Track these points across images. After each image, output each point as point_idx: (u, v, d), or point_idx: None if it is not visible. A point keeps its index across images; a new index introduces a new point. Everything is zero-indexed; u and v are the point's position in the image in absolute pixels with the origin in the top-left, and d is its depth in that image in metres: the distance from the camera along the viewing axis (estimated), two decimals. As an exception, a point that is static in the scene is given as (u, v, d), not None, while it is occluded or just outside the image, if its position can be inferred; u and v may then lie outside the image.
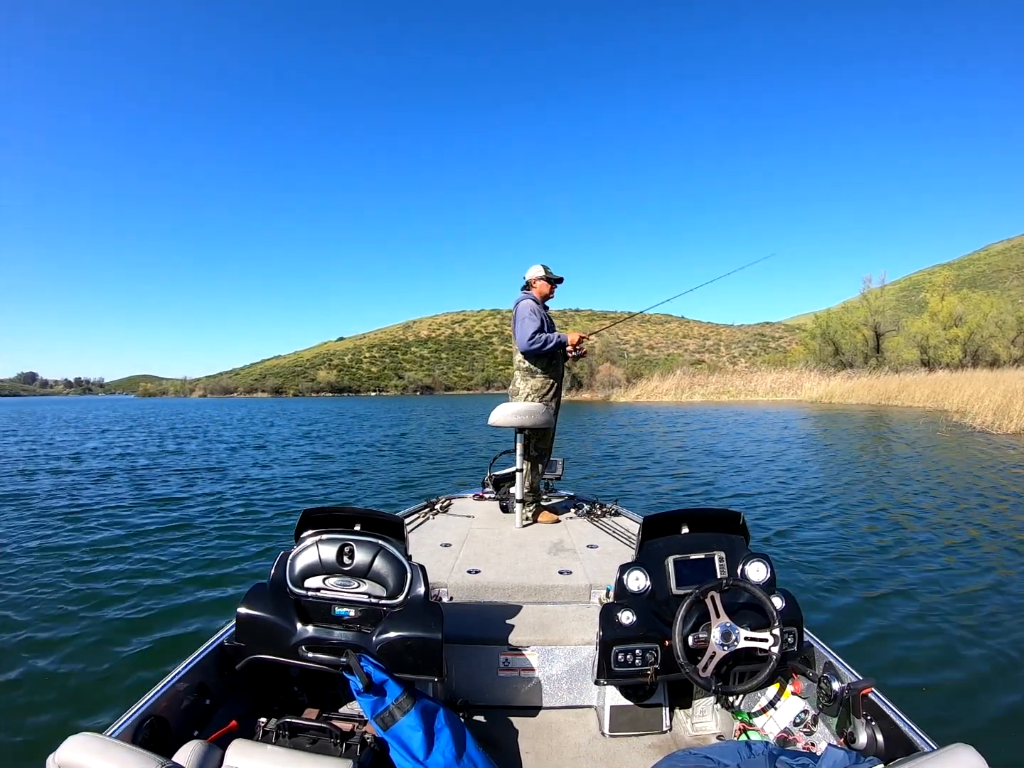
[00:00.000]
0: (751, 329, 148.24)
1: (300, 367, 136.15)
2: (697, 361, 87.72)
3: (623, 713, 1.96)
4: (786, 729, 1.77)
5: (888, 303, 40.78)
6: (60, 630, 3.58)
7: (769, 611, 1.73)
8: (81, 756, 1.12)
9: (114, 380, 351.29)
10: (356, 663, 1.54)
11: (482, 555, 2.73)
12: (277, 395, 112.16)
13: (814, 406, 28.68)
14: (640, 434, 16.84)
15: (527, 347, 3.42)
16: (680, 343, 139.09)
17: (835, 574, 4.45)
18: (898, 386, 27.86)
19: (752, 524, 5.63)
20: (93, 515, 6.83)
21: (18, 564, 4.88)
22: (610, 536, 3.07)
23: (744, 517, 1.99)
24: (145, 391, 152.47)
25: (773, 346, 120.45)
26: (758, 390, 38.14)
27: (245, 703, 1.88)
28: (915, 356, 36.89)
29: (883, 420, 19.11)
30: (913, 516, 6.30)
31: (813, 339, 43.83)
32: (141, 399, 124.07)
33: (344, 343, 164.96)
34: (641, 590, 1.88)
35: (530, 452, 3.48)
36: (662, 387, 41.75)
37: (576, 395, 47.83)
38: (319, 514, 1.88)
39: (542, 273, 3.60)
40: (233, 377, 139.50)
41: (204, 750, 1.35)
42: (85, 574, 4.64)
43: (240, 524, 6.40)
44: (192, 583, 4.44)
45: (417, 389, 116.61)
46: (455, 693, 2.04)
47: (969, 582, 4.25)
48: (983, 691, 2.82)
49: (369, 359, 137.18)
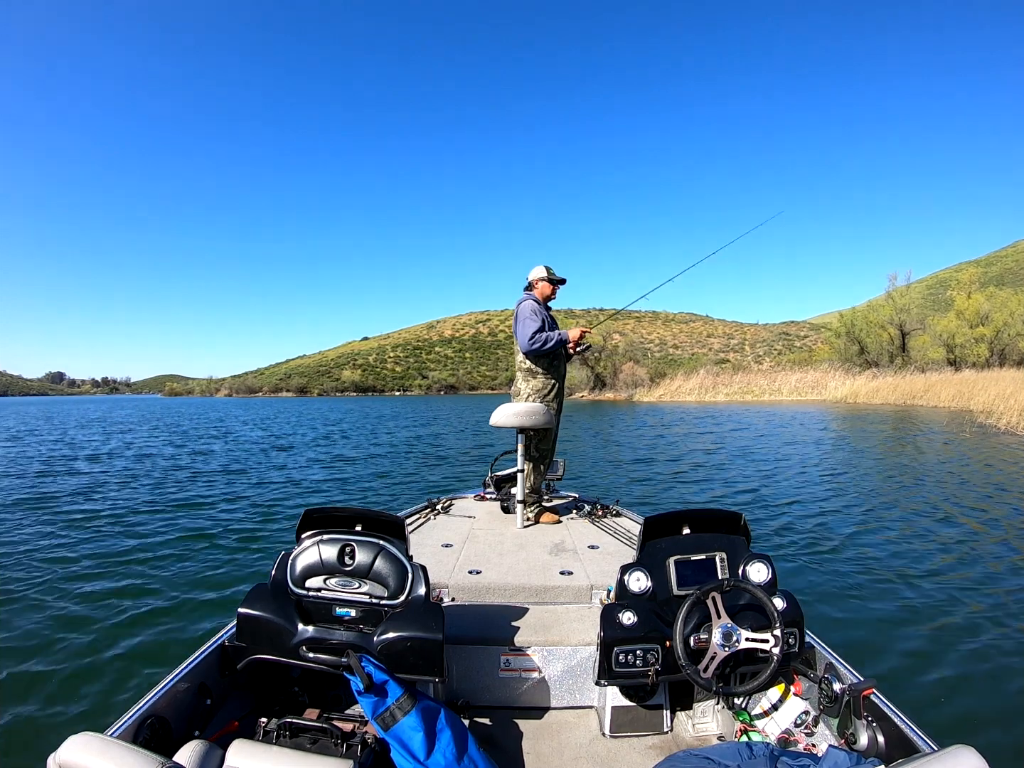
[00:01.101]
0: (776, 328, 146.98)
1: (325, 367, 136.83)
2: (722, 360, 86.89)
3: (624, 714, 1.96)
4: (787, 730, 1.77)
5: (914, 301, 39.94)
6: (61, 629, 3.59)
7: (770, 612, 1.72)
8: (82, 756, 1.12)
9: (141, 380, 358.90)
10: (357, 663, 1.54)
11: (483, 556, 2.72)
12: (302, 394, 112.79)
13: (838, 406, 28.30)
14: (671, 435, 16.31)
15: (528, 347, 3.42)
16: (704, 342, 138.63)
17: (836, 574, 4.45)
18: (923, 386, 27.40)
19: (778, 526, 5.63)
20: (96, 515, 6.84)
21: (18, 564, 4.89)
22: (611, 537, 3.07)
23: (745, 518, 1.99)
24: (171, 390, 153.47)
25: (798, 345, 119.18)
26: (782, 390, 37.87)
27: (246, 703, 1.88)
28: (941, 355, 36.10)
29: (908, 421, 18.76)
30: (916, 517, 6.28)
31: (838, 338, 43.18)
32: (167, 398, 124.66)
33: (369, 343, 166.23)
34: (642, 591, 1.88)
35: (531, 453, 3.48)
36: (685, 387, 41.52)
37: (599, 395, 47.72)
38: (320, 514, 1.88)
39: (544, 274, 3.60)
40: (258, 377, 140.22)
41: (205, 750, 1.35)
42: (85, 574, 4.64)
43: (241, 524, 6.40)
44: (193, 583, 4.44)
45: (441, 389, 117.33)
46: (456, 693, 2.04)
47: (970, 582, 4.25)
48: (984, 692, 2.82)
49: (393, 359, 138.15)
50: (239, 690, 1.92)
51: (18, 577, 4.55)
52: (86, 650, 3.32)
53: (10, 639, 3.46)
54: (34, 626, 3.64)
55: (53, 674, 3.04)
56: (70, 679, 3.00)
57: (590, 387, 49.49)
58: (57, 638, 3.47)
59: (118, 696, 2.80)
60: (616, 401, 42.73)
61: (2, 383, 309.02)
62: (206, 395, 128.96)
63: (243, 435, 19.73)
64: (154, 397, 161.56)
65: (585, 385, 49.85)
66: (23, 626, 3.64)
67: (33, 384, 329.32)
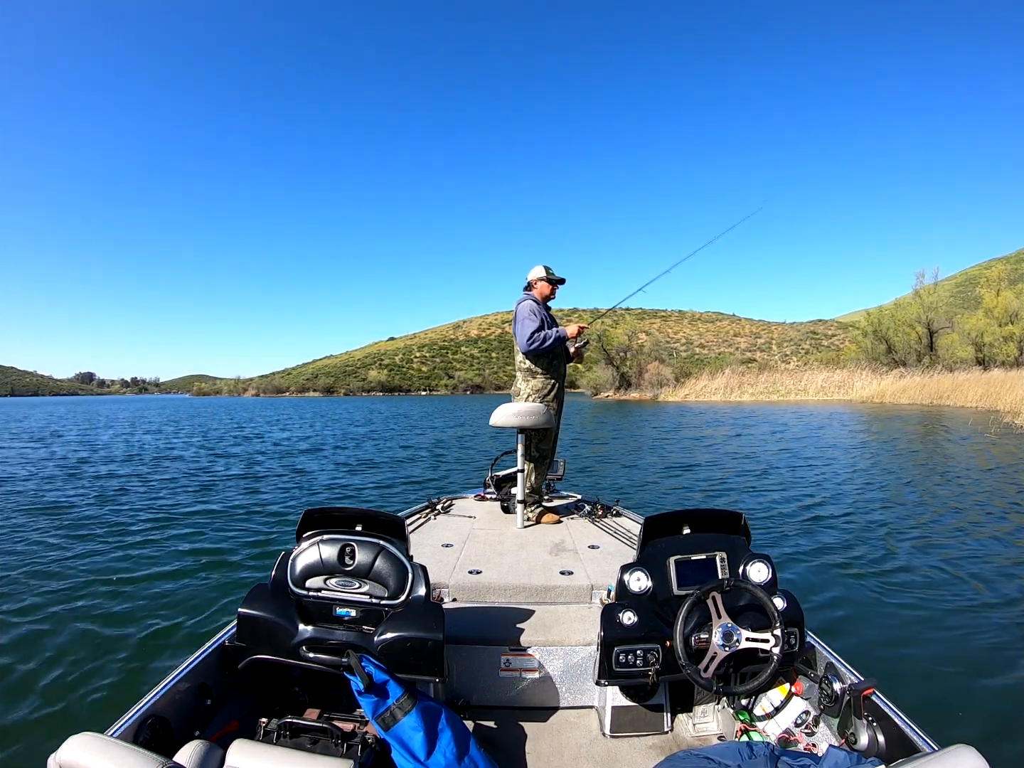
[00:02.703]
0: (803, 327, 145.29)
1: (351, 367, 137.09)
2: (748, 360, 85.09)
3: (624, 714, 1.96)
4: (787, 730, 1.77)
5: (942, 299, 39.16)
6: (61, 629, 3.59)
7: (770, 612, 1.72)
8: (82, 756, 1.12)
9: (169, 380, 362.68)
10: (357, 663, 1.54)
11: (483, 555, 2.73)
12: (328, 394, 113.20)
13: (865, 406, 28.06)
14: (705, 437, 15.80)
15: (527, 347, 3.42)
16: (731, 341, 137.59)
17: (836, 574, 4.44)
18: (951, 385, 26.97)
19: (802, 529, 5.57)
20: (97, 516, 6.84)
21: (19, 563, 4.89)
22: (611, 537, 3.07)
23: (745, 518, 1.99)
24: (199, 390, 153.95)
25: (826, 344, 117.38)
26: (808, 389, 37.61)
27: (246, 703, 1.89)
28: (969, 354, 35.04)
29: (931, 422, 18.38)
30: (920, 516, 6.28)
31: (865, 337, 42.65)
32: (195, 398, 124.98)
33: (395, 343, 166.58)
34: (642, 591, 1.88)
35: (532, 453, 3.49)
36: (711, 386, 41.24)
37: (624, 394, 47.51)
38: (320, 514, 1.88)
39: (543, 274, 3.61)
40: (285, 377, 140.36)
41: (205, 750, 1.35)
42: (86, 573, 4.64)
43: (244, 524, 6.41)
44: (194, 583, 4.44)
45: (467, 388, 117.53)
46: (456, 693, 2.04)
47: (971, 582, 4.24)
48: (985, 692, 2.81)
49: (420, 359, 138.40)
50: (239, 690, 1.92)
51: (19, 577, 4.55)
52: (86, 650, 3.32)
53: (10, 639, 3.46)
54: (34, 625, 3.64)
55: (53, 674, 3.04)
56: (70, 679, 3.00)
57: (615, 387, 49.35)
58: (57, 637, 3.47)
59: (118, 696, 2.80)
60: (641, 401, 42.42)
61: (33, 383, 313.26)
62: (234, 395, 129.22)
63: (271, 435, 19.51)
64: (182, 397, 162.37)
65: (611, 385, 49.77)
66: (23, 626, 3.64)
67: (63, 384, 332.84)
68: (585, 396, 52.04)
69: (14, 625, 3.65)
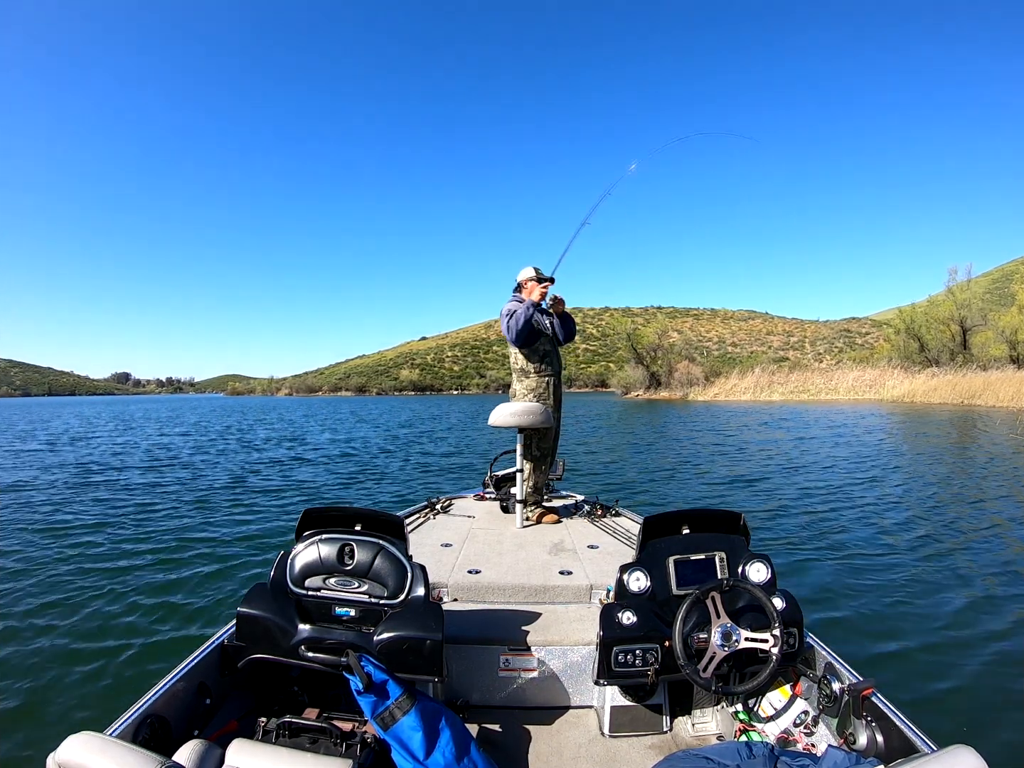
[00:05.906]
0: (837, 325, 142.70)
1: (383, 366, 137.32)
2: (781, 359, 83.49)
3: (623, 713, 1.96)
4: (786, 730, 1.77)
5: (976, 296, 38.27)
6: (61, 628, 3.59)
7: (770, 612, 1.72)
8: (81, 755, 1.12)
9: (204, 380, 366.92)
10: (356, 663, 1.54)
11: (483, 555, 2.73)
12: (360, 394, 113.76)
13: (895, 405, 27.72)
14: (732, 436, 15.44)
15: (511, 336, 3.46)
16: (764, 340, 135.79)
17: (836, 574, 4.44)
18: (982, 384, 26.65)
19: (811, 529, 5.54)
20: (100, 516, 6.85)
21: (19, 563, 4.90)
22: (611, 536, 3.07)
23: (744, 518, 1.99)
24: (233, 390, 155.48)
25: (860, 342, 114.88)
26: (839, 388, 37.29)
27: (245, 703, 1.89)
28: (1003, 352, 33.87)
29: (960, 422, 17.98)
30: (922, 516, 6.28)
31: (897, 335, 41.98)
32: (229, 397, 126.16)
33: (427, 342, 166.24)
34: (642, 590, 1.88)
35: (532, 452, 3.49)
36: (741, 385, 41.05)
37: (655, 393, 47.50)
38: (319, 514, 1.88)
39: (532, 275, 3.62)
40: (318, 376, 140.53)
41: (204, 749, 1.35)
42: (86, 573, 4.65)
43: (244, 525, 6.41)
44: (194, 582, 4.44)
45: (499, 388, 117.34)
46: (455, 693, 2.04)
47: (972, 582, 4.24)
48: (984, 692, 2.81)
49: (451, 358, 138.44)
50: (239, 690, 1.92)
51: (19, 577, 4.55)
52: (86, 649, 3.32)
53: (10, 639, 3.46)
54: (33, 625, 3.65)
55: (53, 674, 3.04)
56: (70, 679, 3.00)
57: (645, 386, 49.53)
58: (57, 637, 3.47)
59: (118, 695, 2.80)
60: (671, 400, 42.27)
61: (70, 383, 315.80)
62: (267, 394, 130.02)
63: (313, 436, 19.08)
64: (217, 396, 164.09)
65: (641, 384, 49.96)
66: (24, 625, 3.64)
67: (100, 384, 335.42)
68: (615, 395, 51.88)
69: (14, 625, 3.65)
